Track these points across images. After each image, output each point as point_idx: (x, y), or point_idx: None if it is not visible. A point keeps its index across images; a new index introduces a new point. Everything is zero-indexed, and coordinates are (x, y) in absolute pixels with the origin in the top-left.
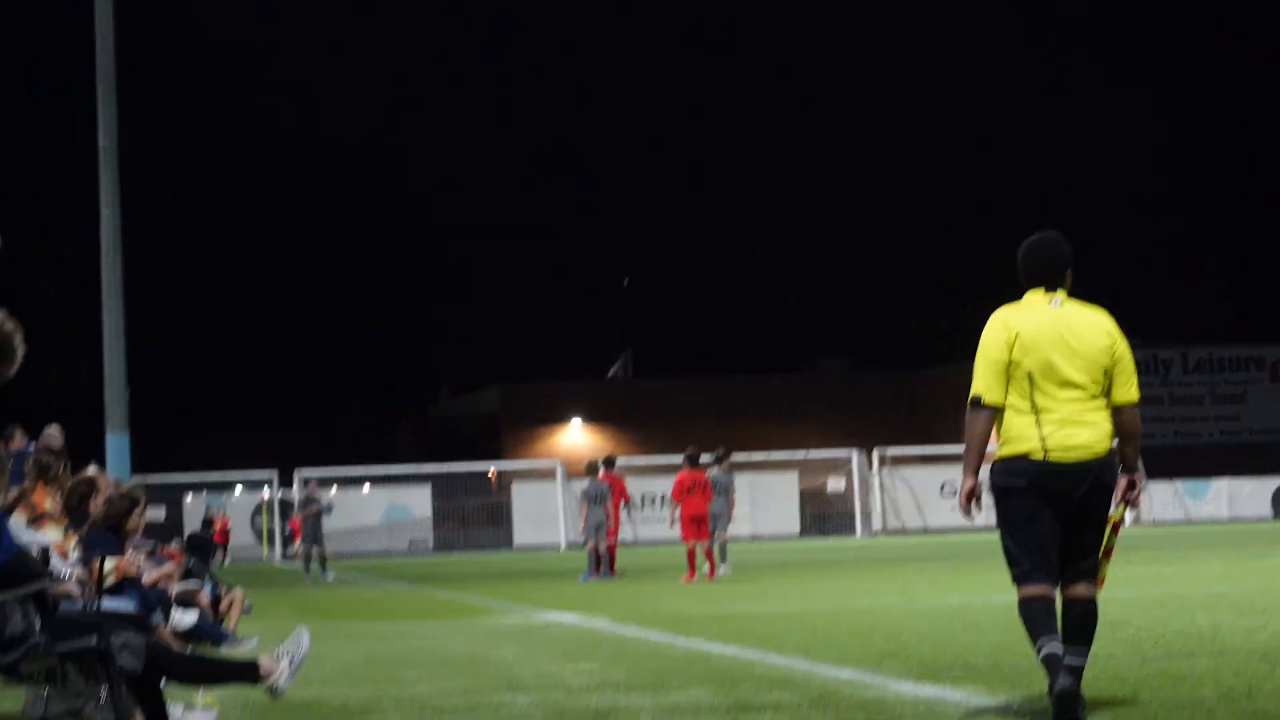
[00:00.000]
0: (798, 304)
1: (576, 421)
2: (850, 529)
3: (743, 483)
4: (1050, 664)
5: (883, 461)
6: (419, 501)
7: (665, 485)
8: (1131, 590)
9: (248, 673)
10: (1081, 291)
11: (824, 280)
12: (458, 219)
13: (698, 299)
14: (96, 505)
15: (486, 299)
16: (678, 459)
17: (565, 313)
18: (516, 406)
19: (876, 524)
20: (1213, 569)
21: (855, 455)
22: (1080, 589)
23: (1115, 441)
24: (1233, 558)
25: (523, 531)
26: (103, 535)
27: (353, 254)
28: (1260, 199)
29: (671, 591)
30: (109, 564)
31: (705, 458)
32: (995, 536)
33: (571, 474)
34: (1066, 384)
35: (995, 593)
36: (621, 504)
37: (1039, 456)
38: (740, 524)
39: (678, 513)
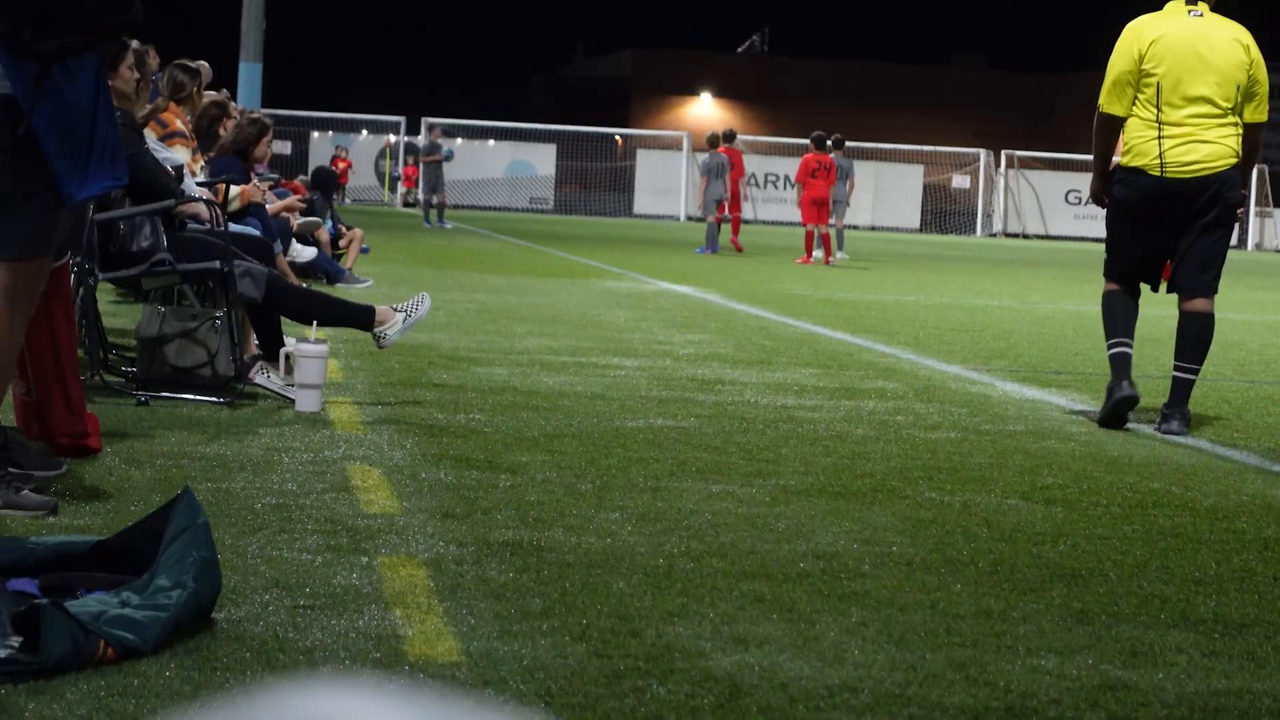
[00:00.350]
0: None
1: (707, 96)
2: (970, 228)
3: (867, 171)
4: (1117, 363)
5: (1010, 163)
6: (543, 160)
7: (790, 166)
8: (1247, 314)
9: (363, 316)
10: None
11: None
12: None
13: None
14: (226, 130)
15: None
16: (803, 141)
17: None
18: (649, 73)
19: (997, 225)
20: None
21: (983, 155)
22: (1199, 303)
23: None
24: None
25: (643, 200)
26: (229, 160)
27: None
28: None
29: (786, 273)
30: (234, 190)
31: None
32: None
33: (697, 148)
34: (1194, 99)
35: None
36: (740, 179)
37: (1155, 173)
38: (861, 213)
39: (801, 194)
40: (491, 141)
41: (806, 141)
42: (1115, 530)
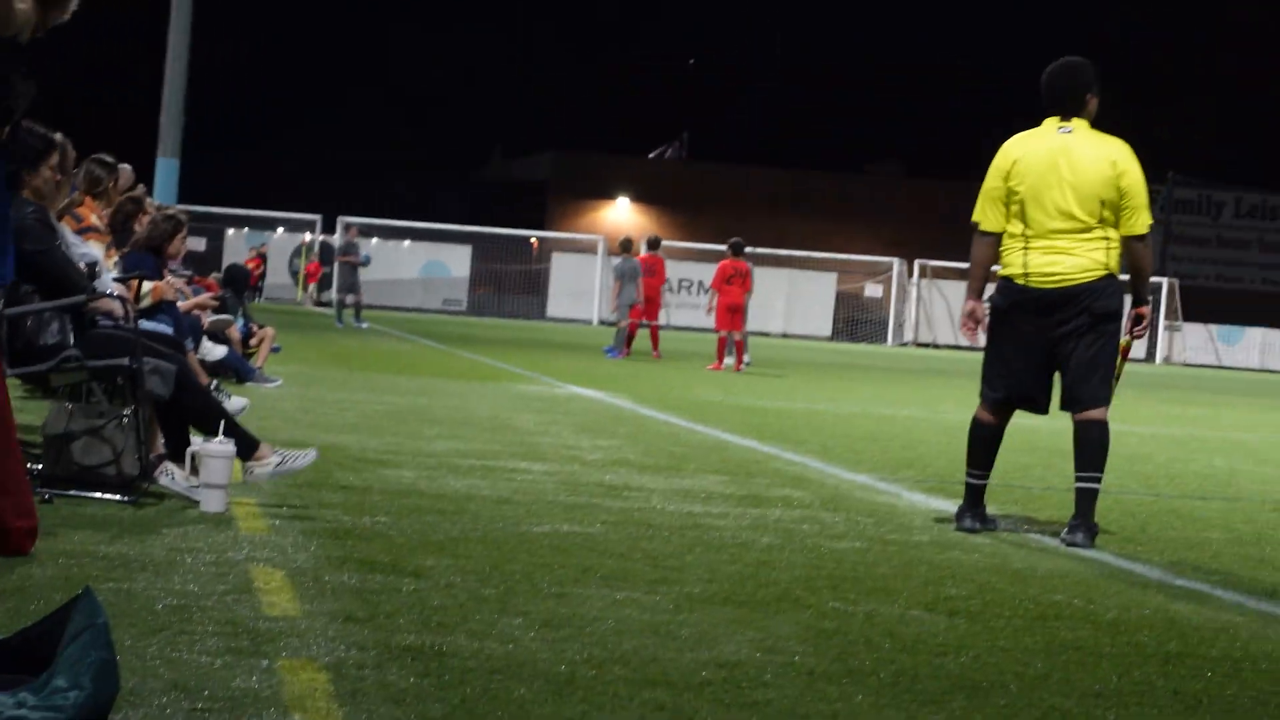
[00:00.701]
0: (858, 104)
1: (624, 200)
2: (882, 337)
3: (781, 279)
4: (969, 492)
5: (923, 272)
6: (458, 261)
7: (704, 272)
8: (1154, 428)
9: (248, 445)
10: (1140, 128)
11: (886, 81)
12: None
13: (759, 89)
14: (141, 225)
15: (551, 63)
16: (720, 247)
17: (626, 88)
18: (567, 176)
19: (909, 334)
20: (1237, 415)
21: (897, 263)
22: (1089, 413)
23: (1122, 272)
24: (1259, 407)
25: (557, 303)
26: (143, 256)
27: (420, 7)
28: None
29: (698, 379)
30: (146, 286)
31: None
32: None
33: (613, 251)
34: (1056, 213)
35: (1017, 417)
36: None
37: (1021, 281)
38: (773, 321)
39: (715, 300)
40: (406, 242)
41: (723, 247)
42: (1017, 642)
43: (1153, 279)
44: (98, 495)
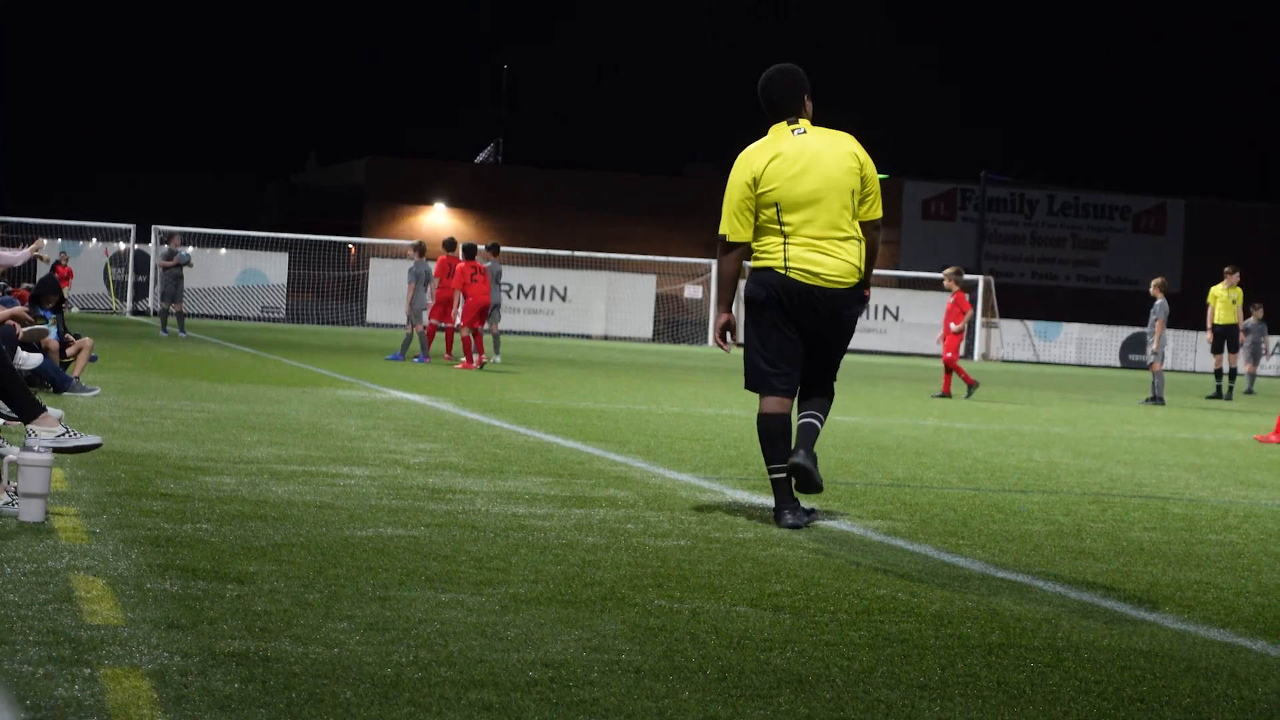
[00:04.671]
0: (672, 108)
1: (441, 206)
2: (702, 338)
3: (600, 281)
4: (778, 490)
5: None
6: (275, 269)
7: (521, 276)
8: (972, 423)
9: (31, 407)
10: (939, 126)
11: (700, 85)
12: None
13: (575, 93)
14: None
15: (367, 69)
16: (539, 251)
17: (442, 93)
18: (382, 181)
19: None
20: (1055, 410)
21: (715, 265)
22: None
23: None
24: (1076, 401)
25: (376, 309)
26: None
27: (234, 12)
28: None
29: (519, 382)
30: None
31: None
32: (844, 360)
33: (432, 255)
34: (815, 216)
35: (837, 414)
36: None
37: (780, 271)
38: (594, 323)
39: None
40: (223, 250)
41: (542, 252)
42: (842, 636)
43: (969, 276)
44: None
